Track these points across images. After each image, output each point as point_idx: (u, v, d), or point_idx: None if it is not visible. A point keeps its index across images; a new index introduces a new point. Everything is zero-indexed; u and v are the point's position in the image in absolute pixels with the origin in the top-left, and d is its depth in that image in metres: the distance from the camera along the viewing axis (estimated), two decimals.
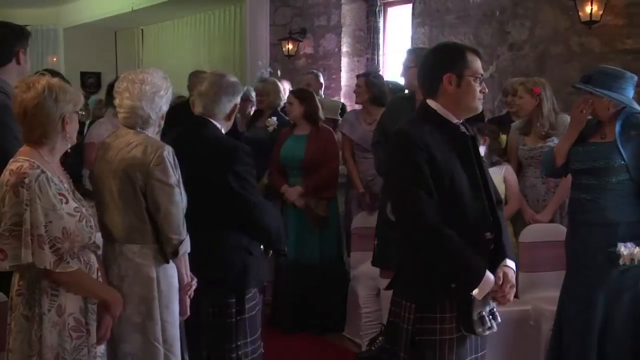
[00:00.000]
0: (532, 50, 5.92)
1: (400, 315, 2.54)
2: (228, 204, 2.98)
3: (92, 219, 2.51)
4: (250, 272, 3.08)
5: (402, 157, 2.46)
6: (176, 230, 2.66)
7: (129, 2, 11.66)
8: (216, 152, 3.01)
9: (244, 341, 3.06)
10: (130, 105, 2.72)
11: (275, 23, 8.83)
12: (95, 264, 2.54)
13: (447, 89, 2.51)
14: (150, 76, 2.75)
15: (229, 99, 3.08)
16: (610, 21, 5.31)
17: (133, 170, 2.63)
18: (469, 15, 6.44)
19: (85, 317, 2.46)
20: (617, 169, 3.45)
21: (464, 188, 2.48)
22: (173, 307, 2.72)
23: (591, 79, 3.50)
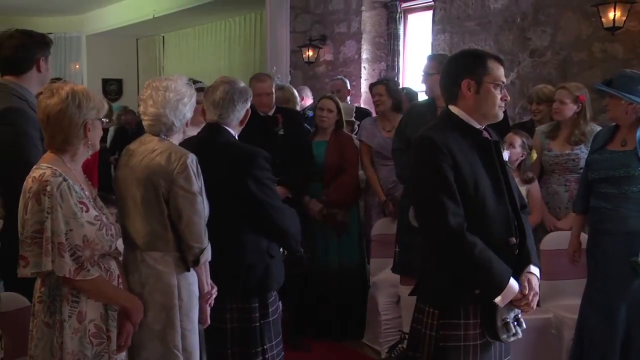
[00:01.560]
0: (553, 56, 5.88)
1: (423, 322, 2.54)
2: (248, 208, 3.00)
3: (113, 227, 2.52)
4: (272, 275, 3.09)
5: (426, 163, 2.46)
6: (198, 238, 2.67)
7: (150, 10, 11.77)
8: (235, 158, 3.03)
9: (270, 344, 3.07)
10: (154, 112, 2.74)
11: (295, 30, 8.86)
12: (116, 271, 2.55)
13: (466, 95, 2.51)
14: (174, 83, 2.76)
15: (242, 105, 3.11)
16: (633, 27, 5.25)
17: (156, 177, 2.64)
18: (490, 21, 6.41)
19: (105, 324, 2.47)
20: (638, 178, 3.42)
21: (488, 193, 2.47)
22: (193, 315, 2.72)
23: (612, 82, 3.47)
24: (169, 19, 11.93)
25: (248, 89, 3.16)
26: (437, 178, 2.41)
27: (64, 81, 2.54)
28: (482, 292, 2.44)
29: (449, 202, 2.39)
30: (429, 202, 2.44)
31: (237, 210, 2.98)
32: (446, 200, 2.39)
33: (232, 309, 3.03)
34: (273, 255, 3.10)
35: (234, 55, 11.79)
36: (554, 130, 4.47)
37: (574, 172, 4.34)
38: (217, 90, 3.08)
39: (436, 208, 2.40)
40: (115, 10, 12.81)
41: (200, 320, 2.79)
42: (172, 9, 11.28)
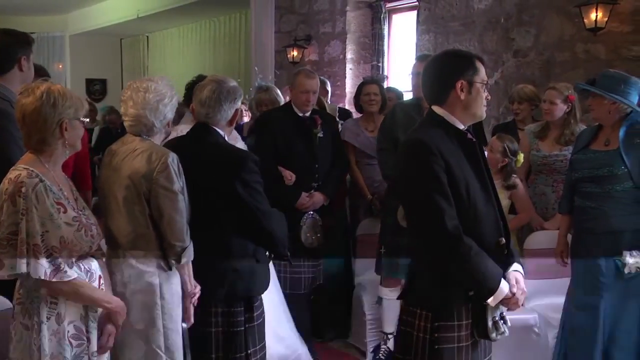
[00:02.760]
0: (537, 57, 5.91)
1: (414, 324, 2.52)
2: (235, 211, 2.96)
3: (95, 227, 2.50)
4: (258, 280, 3.07)
5: (418, 166, 2.45)
6: (179, 237, 2.66)
7: (134, 10, 11.72)
8: (223, 160, 2.99)
9: (254, 349, 3.04)
10: (135, 113, 2.74)
11: (280, 30, 8.85)
12: (98, 272, 2.52)
13: (459, 96, 2.51)
14: (154, 84, 2.76)
15: (230, 105, 3.05)
16: (615, 28, 5.29)
17: (137, 176, 2.63)
18: (474, 22, 6.44)
19: (85, 325, 2.45)
20: (621, 177, 3.44)
21: (478, 194, 2.49)
22: (176, 314, 2.71)
23: (595, 82, 3.50)
24: (153, 19, 11.89)
25: (237, 88, 3.11)
26: (431, 181, 2.40)
27: (43, 80, 2.50)
28: (476, 293, 2.46)
29: (444, 205, 2.39)
30: (425, 206, 2.43)
31: (224, 213, 2.94)
32: (442, 203, 2.39)
33: (217, 313, 2.98)
34: (259, 259, 3.07)
35: (219, 55, 11.77)
36: (543, 130, 4.48)
37: (561, 173, 4.34)
38: (205, 89, 3.04)
39: (433, 211, 2.40)
40: (99, 10, 12.74)
41: (184, 319, 2.78)
42: (156, 8, 11.24)
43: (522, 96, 4.86)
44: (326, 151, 4.51)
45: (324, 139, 4.50)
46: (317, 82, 4.49)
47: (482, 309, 2.48)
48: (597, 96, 3.49)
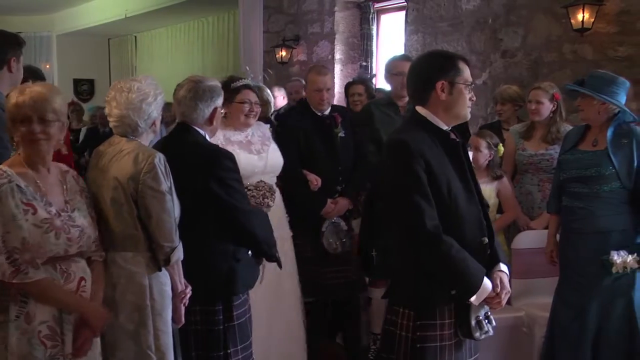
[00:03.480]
0: (525, 57, 5.94)
1: (397, 323, 2.54)
2: (213, 211, 2.94)
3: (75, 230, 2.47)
4: (237, 279, 3.03)
5: (400, 166, 2.46)
6: (168, 237, 2.65)
7: (122, 9, 11.68)
8: (197, 158, 2.97)
9: (234, 349, 3.02)
10: (118, 113, 2.74)
11: (268, 30, 8.85)
12: (79, 274, 2.49)
13: (440, 97, 2.52)
14: (137, 84, 2.75)
15: (207, 104, 3.03)
16: (602, 29, 5.33)
17: (124, 177, 2.63)
18: (462, 22, 6.46)
19: (60, 327, 2.43)
20: (609, 177, 3.46)
21: (460, 194, 2.50)
22: (166, 315, 2.70)
23: (584, 83, 3.51)
24: (141, 19, 11.85)
25: (215, 87, 3.09)
26: (412, 181, 2.42)
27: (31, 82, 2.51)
28: (458, 292, 2.47)
29: (424, 205, 2.40)
30: (405, 206, 2.44)
31: (201, 211, 2.92)
32: (422, 202, 2.40)
33: (196, 312, 2.97)
34: (239, 258, 3.04)
35: (207, 56, 11.75)
36: (529, 131, 4.50)
37: (547, 172, 4.37)
38: (182, 89, 3.06)
39: (412, 211, 2.41)
40: (86, 10, 12.68)
41: (175, 319, 2.77)
42: (144, 8, 11.20)
43: (504, 97, 4.88)
44: (348, 151, 4.29)
45: (345, 139, 4.28)
46: (329, 78, 4.30)
47: (466, 308, 2.49)
48: (586, 97, 3.50)
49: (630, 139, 3.47)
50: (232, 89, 3.71)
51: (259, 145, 3.85)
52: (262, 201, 3.58)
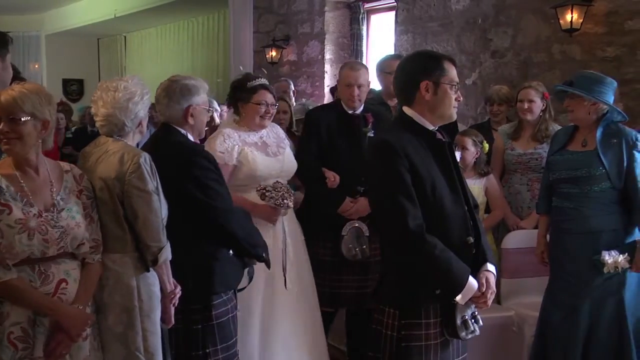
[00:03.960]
0: (514, 57, 5.96)
1: (383, 322, 2.55)
2: (190, 210, 2.92)
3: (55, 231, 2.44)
4: (215, 278, 3.00)
5: (383, 166, 2.47)
6: (155, 237, 2.64)
7: (111, 9, 11.64)
8: (174, 158, 2.95)
9: (214, 348, 3.00)
10: (105, 113, 2.73)
11: (258, 30, 8.84)
12: (58, 276, 2.46)
13: (424, 97, 2.52)
14: (124, 83, 2.74)
15: (178, 102, 3.02)
16: (590, 29, 5.36)
17: (110, 178, 2.61)
18: (452, 22, 6.48)
19: (32, 329, 2.40)
20: (599, 178, 3.47)
21: (445, 194, 2.50)
22: (154, 316, 2.68)
23: (573, 83, 3.52)
24: (130, 19, 11.81)
25: (190, 86, 3.06)
26: (395, 181, 2.42)
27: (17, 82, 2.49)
28: (443, 291, 2.47)
29: (407, 205, 2.40)
30: (388, 205, 2.45)
31: (179, 210, 2.88)
32: (405, 202, 2.40)
33: (175, 311, 2.92)
34: (217, 257, 3.02)
35: (197, 56, 11.73)
36: (517, 131, 4.52)
37: (536, 171, 4.39)
38: (159, 88, 3.08)
39: (396, 211, 2.41)
40: (75, 9, 12.63)
41: (164, 320, 2.76)
42: (134, 8, 11.17)
43: (501, 97, 4.89)
44: None
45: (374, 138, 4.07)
46: (362, 73, 4.00)
47: (451, 307, 2.49)
48: (576, 97, 3.50)
49: (619, 139, 3.48)
50: (248, 88, 3.62)
51: (275, 148, 3.73)
52: (281, 202, 3.47)
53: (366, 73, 4.01)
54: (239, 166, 3.56)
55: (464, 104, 6.18)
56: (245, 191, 3.56)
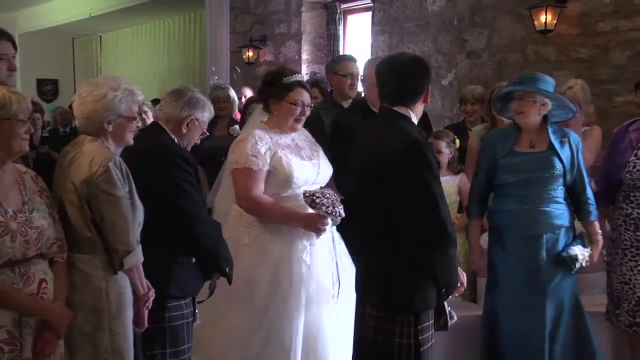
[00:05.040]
0: (490, 58, 6.01)
1: (394, 332, 2.55)
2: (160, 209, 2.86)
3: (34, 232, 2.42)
4: (172, 282, 2.94)
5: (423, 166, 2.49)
6: (122, 241, 2.60)
7: (86, 8, 11.55)
8: (154, 156, 2.93)
9: (162, 351, 2.95)
10: (79, 114, 2.72)
11: (235, 30, 8.82)
12: (39, 276, 2.44)
13: (427, 100, 2.67)
14: (98, 82, 2.73)
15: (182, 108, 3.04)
16: (564, 30, 5.42)
17: (78, 180, 2.59)
18: (428, 23, 6.51)
19: (19, 331, 2.38)
20: (556, 177, 3.49)
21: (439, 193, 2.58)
22: (124, 318, 2.65)
23: (523, 84, 3.50)
24: (106, 19, 11.72)
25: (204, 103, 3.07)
26: (435, 182, 2.50)
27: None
28: (447, 290, 2.59)
29: (443, 207, 2.50)
30: (431, 206, 2.49)
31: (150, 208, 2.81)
32: (442, 205, 2.49)
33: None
34: (177, 261, 2.96)
35: (173, 56, 11.67)
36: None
37: None
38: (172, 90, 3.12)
39: (438, 213, 2.48)
40: (50, 9, 12.50)
41: (137, 323, 2.74)
42: (109, 8, 11.10)
43: (476, 97, 4.92)
44: None
45: None
46: None
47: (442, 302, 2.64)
48: (527, 99, 3.46)
49: (567, 138, 3.53)
50: (283, 84, 3.32)
51: (308, 151, 3.42)
52: (333, 210, 3.15)
53: None
54: (274, 172, 3.27)
55: (440, 105, 6.23)
56: (284, 201, 3.31)
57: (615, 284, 3.70)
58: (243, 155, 3.24)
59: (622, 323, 3.67)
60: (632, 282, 3.62)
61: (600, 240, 3.58)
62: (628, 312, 3.64)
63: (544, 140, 3.52)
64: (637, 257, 3.61)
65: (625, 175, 3.61)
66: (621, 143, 3.71)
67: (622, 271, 3.65)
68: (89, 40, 14.00)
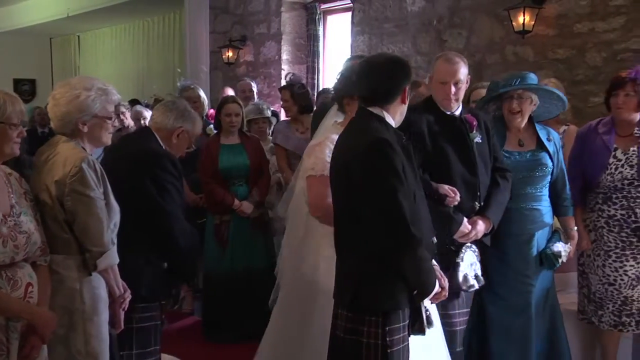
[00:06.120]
0: (469, 58, 5.95)
1: (363, 332, 2.53)
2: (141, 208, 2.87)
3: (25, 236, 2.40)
4: (141, 283, 2.95)
5: (384, 166, 2.45)
6: (96, 242, 2.59)
7: (64, 8, 11.45)
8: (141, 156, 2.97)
9: (129, 352, 2.96)
10: (53, 115, 2.71)
11: (215, 30, 8.79)
12: (25, 280, 2.42)
13: (404, 101, 2.61)
14: (71, 83, 2.71)
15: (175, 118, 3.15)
16: (542, 31, 5.46)
17: (51, 180, 2.57)
18: (407, 23, 6.53)
19: (6, 336, 2.36)
20: (546, 175, 3.55)
21: (419, 197, 2.56)
22: (99, 319, 2.64)
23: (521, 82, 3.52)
24: (84, 18, 11.63)
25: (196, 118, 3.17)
26: (397, 182, 2.43)
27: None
28: (420, 292, 2.52)
29: (406, 207, 2.42)
30: (390, 206, 2.43)
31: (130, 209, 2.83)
32: (405, 204, 2.42)
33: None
34: (151, 264, 2.97)
35: (153, 56, 11.61)
36: None
37: None
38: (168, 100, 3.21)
39: (398, 213, 2.42)
40: (27, 8, 12.36)
41: (113, 325, 2.72)
42: (87, 7, 11.01)
43: None
44: (484, 161, 3.38)
45: (481, 146, 3.37)
46: (460, 67, 3.30)
47: (418, 306, 2.56)
48: (526, 98, 3.50)
49: (551, 137, 3.59)
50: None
51: None
52: None
53: (465, 67, 3.32)
54: None
55: None
56: None
57: (597, 286, 3.71)
58: (320, 162, 3.09)
59: (606, 323, 3.69)
60: (617, 282, 3.64)
61: (576, 235, 3.64)
62: (613, 312, 3.67)
63: (532, 138, 3.57)
64: (623, 257, 3.64)
65: (607, 177, 3.63)
66: (591, 144, 3.72)
67: (605, 273, 3.67)
68: (67, 40, 13.89)
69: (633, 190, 3.60)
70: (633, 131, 3.65)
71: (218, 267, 4.75)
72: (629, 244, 3.62)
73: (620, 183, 3.62)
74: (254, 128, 5.41)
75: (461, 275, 3.19)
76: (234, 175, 4.82)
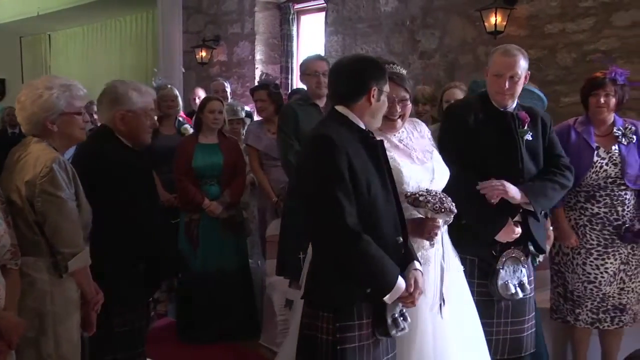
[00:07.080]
0: (442, 59, 6.08)
1: (317, 327, 2.53)
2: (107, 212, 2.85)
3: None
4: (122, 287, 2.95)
5: (323, 161, 2.45)
6: (67, 243, 2.57)
7: (33, 7, 11.30)
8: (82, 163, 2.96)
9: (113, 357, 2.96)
10: (22, 117, 2.68)
11: (188, 30, 8.74)
12: None
13: (369, 101, 2.56)
14: (34, 84, 2.68)
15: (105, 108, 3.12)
16: (513, 32, 5.52)
17: (22, 181, 2.55)
18: (381, 24, 6.56)
19: None
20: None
21: (378, 193, 2.52)
22: (70, 322, 2.62)
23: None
24: (55, 17, 11.49)
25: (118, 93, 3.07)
26: (335, 177, 2.41)
27: None
28: (374, 290, 2.48)
29: (345, 202, 2.40)
30: (325, 201, 2.43)
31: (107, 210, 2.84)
32: (343, 199, 2.40)
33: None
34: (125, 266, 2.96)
35: (125, 56, 11.50)
36: None
37: None
38: None
39: (333, 207, 2.40)
40: None
41: (85, 327, 2.69)
42: (58, 6, 10.88)
43: (426, 97, 4.98)
44: (535, 160, 3.23)
45: (531, 144, 3.21)
46: (518, 60, 3.12)
47: (382, 307, 2.52)
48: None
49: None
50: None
51: (420, 153, 2.92)
52: (441, 206, 2.69)
53: (523, 60, 3.14)
54: None
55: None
56: None
57: (575, 284, 3.73)
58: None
59: (583, 321, 3.73)
60: (597, 280, 3.68)
61: (552, 233, 3.66)
62: (591, 309, 3.71)
63: None
64: (604, 255, 3.68)
65: (591, 175, 3.66)
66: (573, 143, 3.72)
67: (585, 271, 3.70)
68: (37, 39, 13.69)
69: (616, 189, 3.65)
70: (612, 130, 3.71)
71: (190, 267, 4.74)
72: (611, 242, 3.67)
73: (604, 181, 3.66)
74: (228, 129, 5.40)
75: (500, 283, 3.07)
76: (207, 174, 4.81)
